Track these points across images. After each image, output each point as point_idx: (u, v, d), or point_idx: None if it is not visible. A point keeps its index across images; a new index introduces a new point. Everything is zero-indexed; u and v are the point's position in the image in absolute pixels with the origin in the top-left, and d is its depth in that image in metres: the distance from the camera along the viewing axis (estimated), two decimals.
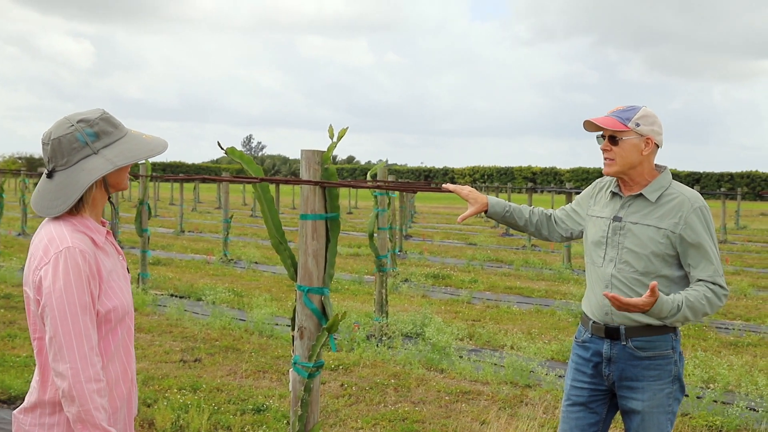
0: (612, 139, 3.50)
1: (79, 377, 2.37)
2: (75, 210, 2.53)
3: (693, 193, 3.49)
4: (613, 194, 3.65)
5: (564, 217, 3.92)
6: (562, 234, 3.91)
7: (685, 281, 3.47)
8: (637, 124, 3.47)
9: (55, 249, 2.43)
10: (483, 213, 3.84)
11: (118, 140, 2.57)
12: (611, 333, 3.54)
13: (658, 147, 3.55)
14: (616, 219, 3.58)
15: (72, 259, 2.42)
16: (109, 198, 2.65)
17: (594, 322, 3.61)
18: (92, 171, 2.50)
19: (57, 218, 2.53)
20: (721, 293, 3.38)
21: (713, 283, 3.37)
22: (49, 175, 2.51)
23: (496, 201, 3.85)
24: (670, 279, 3.46)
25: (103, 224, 2.66)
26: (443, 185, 3.85)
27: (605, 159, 3.55)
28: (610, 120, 3.50)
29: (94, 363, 2.40)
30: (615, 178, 3.65)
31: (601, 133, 3.57)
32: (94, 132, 2.53)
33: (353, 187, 4.09)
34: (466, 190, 3.79)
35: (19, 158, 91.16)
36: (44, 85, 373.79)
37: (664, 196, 3.49)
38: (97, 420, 2.39)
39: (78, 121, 2.52)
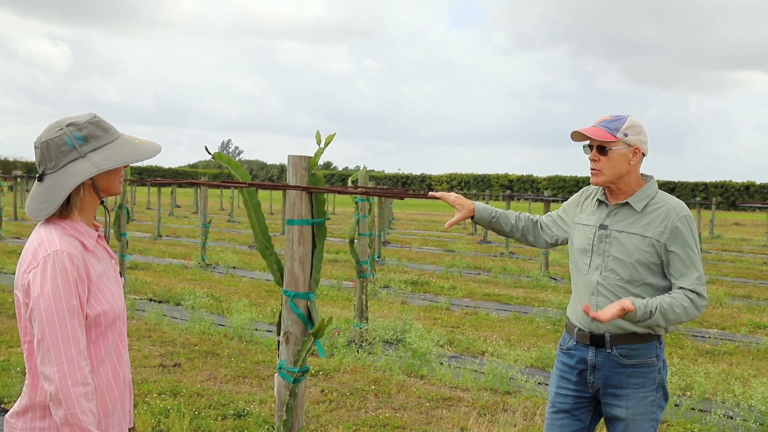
0: (600, 149, 3.53)
1: (66, 381, 2.36)
2: (64, 213, 2.53)
3: (678, 203, 3.53)
4: (600, 202, 3.69)
5: (550, 223, 3.95)
6: (548, 240, 3.95)
7: (669, 290, 3.50)
8: (626, 134, 3.51)
9: (43, 252, 2.43)
10: (470, 219, 3.87)
11: (107, 144, 2.56)
12: (596, 340, 3.57)
13: (644, 156, 3.59)
14: (602, 227, 3.61)
15: (60, 263, 2.41)
16: (102, 202, 2.64)
17: (579, 329, 3.64)
18: (77, 174, 2.50)
19: (48, 222, 2.53)
20: (699, 303, 3.40)
21: (693, 291, 3.39)
22: (40, 179, 2.52)
23: (483, 207, 3.88)
24: (654, 287, 3.49)
25: (96, 228, 2.65)
26: (429, 193, 3.88)
27: (593, 169, 3.58)
28: (598, 130, 3.54)
29: (81, 366, 2.40)
30: (602, 187, 3.68)
31: (587, 142, 3.59)
32: (83, 135, 2.53)
33: (340, 192, 4.10)
34: (453, 196, 3.83)
35: None
36: (20, 88, 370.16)
37: (650, 205, 3.53)
38: (84, 424, 2.39)
39: (67, 125, 2.52)
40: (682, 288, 3.41)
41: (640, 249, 3.48)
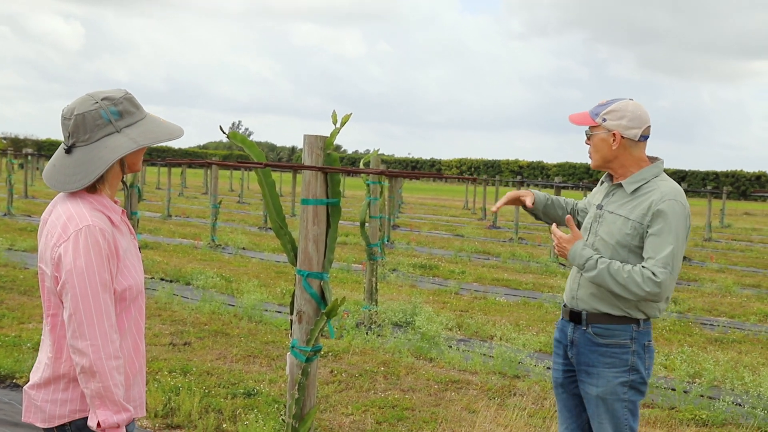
0: (588, 134, 3.67)
1: (100, 354, 2.40)
2: (93, 188, 2.54)
3: (670, 188, 3.51)
4: (603, 182, 3.79)
5: (582, 208, 4.03)
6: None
7: None
8: (604, 119, 3.58)
9: (74, 226, 2.44)
10: (523, 206, 3.99)
11: (139, 121, 2.59)
12: (574, 317, 3.67)
13: (637, 141, 3.57)
14: (599, 207, 3.71)
15: (92, 237, 2.43)
16: (122, 179, 2.66)
17: (564, 305, 3.77)
18: (116, 149, 2.51)
19: (73, 195, 2.53)
20: (649, 279, 3.36)
21: (649, 270, 3.38)
22: (68, 150, 2.51)
23: (539, 192, 4.01)
24: None
25: (116, 203, 2.67)
26: (493, 208, 3.96)
27: (588, 153, 3.70)
28: (582, 115, 3.66)
29: (113, 340, 2.44)
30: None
31: (587, 127, 3.69)
32: (118, 111, 2.54)
33: (356, 172, 4.11)
34: (511, 193, 3.98)
35: (4, 138, 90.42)
36: (31, 66, 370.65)
37: (642, 189, 3.56)
38: (116, 396, 2.43)
39: (102, 99, 2.53)
40: (647, 267, 3.41)
41: (621, 231, 3.52)
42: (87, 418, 2.50)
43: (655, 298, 3.40)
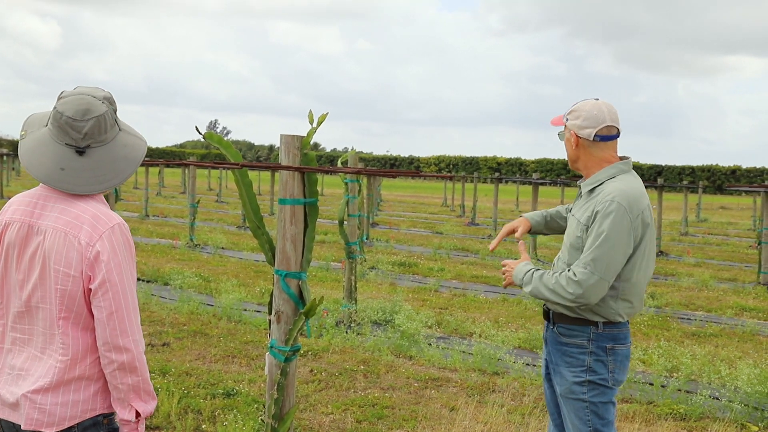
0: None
1: (140, 349, 2.49)
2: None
3: (613, 189, 3.43)
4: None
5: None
6: None
7: None
8: (566, 119, 3.62)
9: (104, 225, 2.45)
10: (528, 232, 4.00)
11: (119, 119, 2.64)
12: (546, 315, 3.72)
13: (592, 140, 3.52)
14: (568, 210, 3.79)
15: (123, 235, 2.49)
16: None
17: (544, 304, 3.78)
18: (135, 146, 2.58)
19: (80, 196, 2.51)
20: (570, 280, 3.36)
21: (570, 271, 3.41)
22: (82, 152, 2.48)
23: (533, 214, 4.02)
24: None
25: None
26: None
27: None
28: (559, 117, 3.71)
29: (142, 335, 2.53)
30: None
31: None
32: (114, 109, 2.58)
33: (333, 172, 4.10)
34: (506, 227, 3.97)
35: None
36: (8, 66, 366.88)
37: (596, 190, 3.53)
38: (151, 387, 2.53)
39: (103, 99, 2.54)
40: (567, 270, 3.44)
41: (574, 233, 3.54)
42: (93, 417, 2.52)
43: (583, 300, 3.35)
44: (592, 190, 3.54)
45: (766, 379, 6.54)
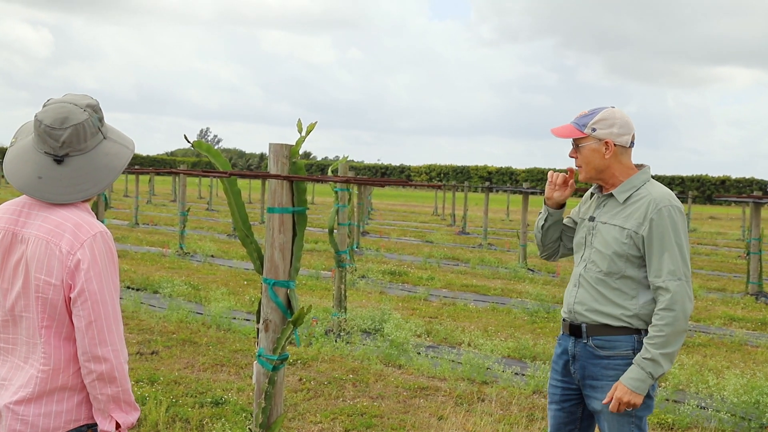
0: (576, 146, 3.57)
1: (120, 358, 2.45)
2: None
3: (662, 194, 3.45)
4: (592, 195, 3.71)
5: (569, 224, 3.88)
6: (566, 244, 3.89)
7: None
8: (594, 129, 3.49)
9: (85, 234, 2.43)
10: (553, 208, 3.79)
11: (107, 126, 2.62)
12: (574, 331, 3.57)
13: (628, 147, 3.54)
14: (591, 219, 3.62)
15: (105, 244, 2.46)
16: None
17: (564, 319, 3.67)
18: (119, 155, 2.55)
19: (64, 204, 2.50)
20: (669, 307, 3.28)
21: (662, 288, 3.31)
22: (60, 161, 2.46)
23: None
24: (635, 280, 3.44)
25: None
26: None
27: (577, 166, 3.61)
28: (567, 128, 3.57)
29: (125, 345, 2.49)
30: None
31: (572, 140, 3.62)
32: (99, 118, 2.55)
33: (321, 181, 4.11)
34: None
35: None
36: None
37: (633, 197, 3.49)
38: (132, 398, 2.50)
39: (87, 106, 2.51)
40: (657, 288, 3.34)
41: (618, 240, 3.44)
42: (77, 428, 2.49)
43: (691, 308, 3.31)
44: (628, 198, 3.49)
45: (752, 389, 6.56)
